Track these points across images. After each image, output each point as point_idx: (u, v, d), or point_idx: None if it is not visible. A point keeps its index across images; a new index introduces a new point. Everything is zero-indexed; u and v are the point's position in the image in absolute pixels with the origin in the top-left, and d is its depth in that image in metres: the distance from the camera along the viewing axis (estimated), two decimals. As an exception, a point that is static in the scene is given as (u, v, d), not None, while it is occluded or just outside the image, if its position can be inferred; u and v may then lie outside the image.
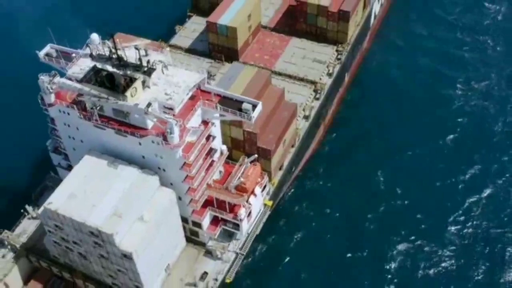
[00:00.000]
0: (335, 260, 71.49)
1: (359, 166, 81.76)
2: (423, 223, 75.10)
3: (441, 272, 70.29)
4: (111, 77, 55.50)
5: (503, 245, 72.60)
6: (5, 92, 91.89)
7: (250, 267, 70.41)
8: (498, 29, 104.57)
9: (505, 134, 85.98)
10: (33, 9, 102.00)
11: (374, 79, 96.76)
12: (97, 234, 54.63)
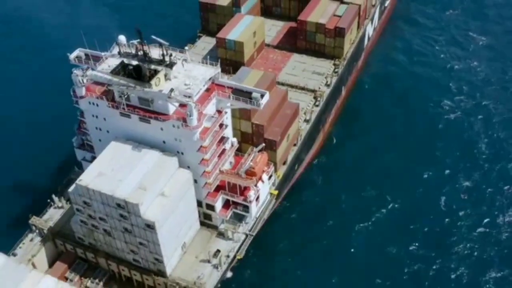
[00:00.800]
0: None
1: (355, 175, 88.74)
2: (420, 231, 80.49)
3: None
4: (138, 68, 63.98)
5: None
6: (35, 93, 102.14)
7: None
8: (485, 56, 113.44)
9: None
10: (67, 16, 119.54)
11: (369, 95, 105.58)
12: (123, 205, 61.64)
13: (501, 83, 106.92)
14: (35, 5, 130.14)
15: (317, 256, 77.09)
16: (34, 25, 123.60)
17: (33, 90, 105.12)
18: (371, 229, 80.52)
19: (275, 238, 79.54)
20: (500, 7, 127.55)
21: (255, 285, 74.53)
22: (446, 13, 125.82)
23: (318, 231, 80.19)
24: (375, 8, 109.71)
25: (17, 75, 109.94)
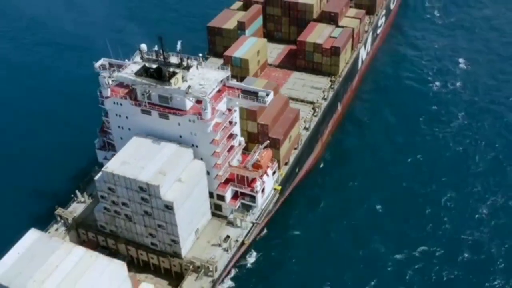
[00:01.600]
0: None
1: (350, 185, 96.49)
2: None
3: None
4: (159, 70, 73.56)
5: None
6: (61, 99, 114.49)
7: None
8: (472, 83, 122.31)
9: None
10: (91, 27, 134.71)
11: (363, 111, 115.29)
12: (145, 188, 69.85)
13: (486, 103, 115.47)
14: (63, 16, 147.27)
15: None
16: (61, 33, 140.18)
17: (61, 96, 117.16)
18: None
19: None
20: (490, 32, 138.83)
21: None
22: (435, 42, 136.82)
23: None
24: (368, 34, 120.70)
25: (49, 83, 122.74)
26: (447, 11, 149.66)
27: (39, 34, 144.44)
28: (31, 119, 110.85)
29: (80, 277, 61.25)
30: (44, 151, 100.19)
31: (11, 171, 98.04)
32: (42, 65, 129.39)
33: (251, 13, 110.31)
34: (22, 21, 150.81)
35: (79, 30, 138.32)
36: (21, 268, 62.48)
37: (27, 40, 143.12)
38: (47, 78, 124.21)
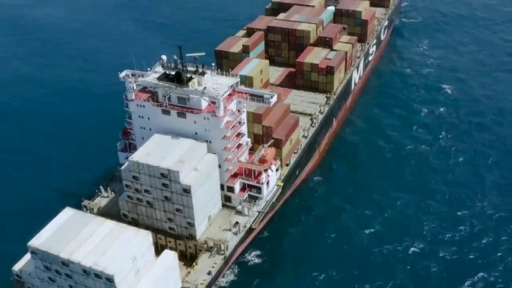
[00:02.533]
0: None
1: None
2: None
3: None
4: (178, 74, 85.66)
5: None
6: (87, 107, 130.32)
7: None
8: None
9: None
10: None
11: (357, 129, 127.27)
12: (166, 174, 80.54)
13: (468, 125, 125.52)
14: (86, 31, 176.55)
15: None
16: (89, 44, 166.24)
17: (87, 105, 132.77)
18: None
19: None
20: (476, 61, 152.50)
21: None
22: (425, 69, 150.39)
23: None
24: (360, 60, 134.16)
25: (83, 91, 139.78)
26: (436, 43, 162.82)
27: (66, 49, 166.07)
28: (62, 125, 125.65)
29: (110, 244, 71.06)
30: (75, 154, 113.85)
31: (44, 170, 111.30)
32: (71, 78, 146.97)
33: (254, 39, 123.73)
34: (50, 37, 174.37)
35: (103, 45, 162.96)
36: (59, 237, 72.26)
37: (56, 54, 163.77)
38: (75, 88, 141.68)
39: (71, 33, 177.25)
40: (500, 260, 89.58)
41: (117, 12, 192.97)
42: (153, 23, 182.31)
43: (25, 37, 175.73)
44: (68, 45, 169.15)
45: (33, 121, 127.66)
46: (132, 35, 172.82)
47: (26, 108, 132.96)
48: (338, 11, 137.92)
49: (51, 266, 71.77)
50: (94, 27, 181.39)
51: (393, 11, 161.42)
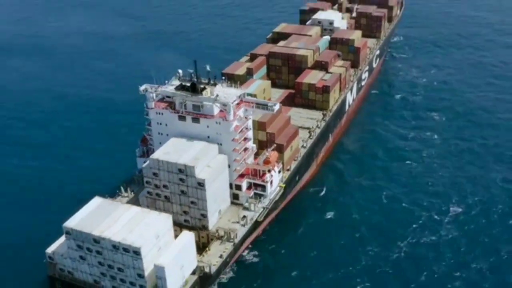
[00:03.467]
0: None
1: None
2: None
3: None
4: (193, 84, 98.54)
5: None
6: (110, 115, 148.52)
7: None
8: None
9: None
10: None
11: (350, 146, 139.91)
12: (183, 170, 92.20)
13: (457, 148, 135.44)
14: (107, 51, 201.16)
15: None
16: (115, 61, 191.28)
17: (109, 112, 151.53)
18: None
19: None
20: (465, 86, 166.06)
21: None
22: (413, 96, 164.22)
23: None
24: (353, 83, 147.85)
25: (107, 106, 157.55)
26: (427, 74, 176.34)
27: (89, 68, 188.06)
28: (91, 133, 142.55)
29: (136, 224, 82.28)
30: (101, 159, 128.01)
31: (74, 171, 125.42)
32: (98, 95, 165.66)
33: (257, 63, 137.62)
34: (75, 57, 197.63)
35: (122, 64, 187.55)
36: (91, 219, 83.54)
37: (82, 71, 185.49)
38: (100, 103, 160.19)
39: (93, 53, 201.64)
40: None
41: (134, 36, 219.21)
42: (168, 46, 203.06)
43: (53, 59, 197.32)
44: (90, 65, 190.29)
45: (64, 128, 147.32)
46: (148, 55, 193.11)
47: (59, 117, 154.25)
48: (333, 39, 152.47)
49: (83, 245, 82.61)
50: (114, 48, 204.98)
51: (384, 42, 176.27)
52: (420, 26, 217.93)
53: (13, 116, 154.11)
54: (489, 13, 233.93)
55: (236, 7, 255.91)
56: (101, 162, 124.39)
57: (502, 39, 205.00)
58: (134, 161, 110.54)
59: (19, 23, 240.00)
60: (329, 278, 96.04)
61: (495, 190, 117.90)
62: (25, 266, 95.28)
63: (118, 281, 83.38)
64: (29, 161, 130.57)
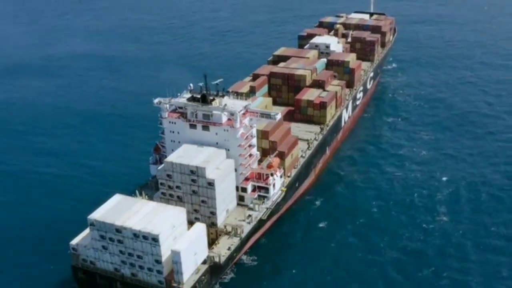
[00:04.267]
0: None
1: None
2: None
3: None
4: (204, 96, 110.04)
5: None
6: (126, 125, 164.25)
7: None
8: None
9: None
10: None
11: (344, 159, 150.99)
12: (195, 171, 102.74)
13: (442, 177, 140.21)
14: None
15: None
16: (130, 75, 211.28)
17: (122, 126, 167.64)
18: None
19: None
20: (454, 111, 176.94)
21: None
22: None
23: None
24: (349, 101, 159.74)
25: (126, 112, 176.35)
26: (419, 95, 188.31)
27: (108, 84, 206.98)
28: (102, 145, 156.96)
29: (154, 216, 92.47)
30: (116, 168, 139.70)
31: (91, 178, 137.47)
32: (107, 109, 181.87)
33: (259, 82, 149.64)
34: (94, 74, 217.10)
35: (132, 81, 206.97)
36: (113, 212, 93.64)
37: (93, 89, 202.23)
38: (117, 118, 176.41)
39: (102, 72, 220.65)
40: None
41: (139, 58, 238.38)
42: (172, 67, 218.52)
43: (64, 78, 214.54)
44: (100, 83, 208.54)
45: (80, 140, 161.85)
46: (154, 75, 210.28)
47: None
48: (329, 61, 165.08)
49: (106, 235, 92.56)
50: (122, 68, 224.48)
51: (378, 65, 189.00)
52: (412, 50, 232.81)
53: (31, 129, 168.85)
54: (476, 37, 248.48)
55: (236, 34, 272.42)
56: (117, 170, 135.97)
57: (491, 60, 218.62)
58: (147, 168, 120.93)
59: (31, 46, 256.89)
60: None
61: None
62: (51, 257, 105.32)
63: (137, 268, 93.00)
64: (52, 168, 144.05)
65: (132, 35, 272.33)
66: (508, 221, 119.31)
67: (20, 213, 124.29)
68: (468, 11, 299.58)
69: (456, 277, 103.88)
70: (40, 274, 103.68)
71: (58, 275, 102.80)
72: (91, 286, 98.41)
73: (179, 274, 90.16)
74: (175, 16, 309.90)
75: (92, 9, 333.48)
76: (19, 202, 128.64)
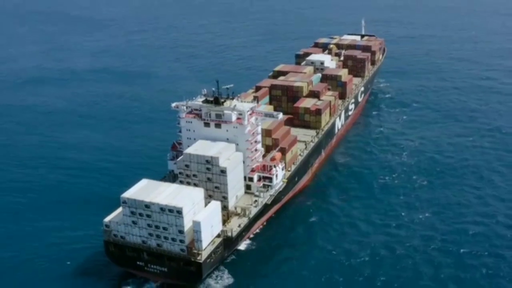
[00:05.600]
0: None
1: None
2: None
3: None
4: (216, 98, 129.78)
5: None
6: (146, 127, 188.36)
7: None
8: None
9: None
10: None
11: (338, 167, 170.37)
12: (210, 160, 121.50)
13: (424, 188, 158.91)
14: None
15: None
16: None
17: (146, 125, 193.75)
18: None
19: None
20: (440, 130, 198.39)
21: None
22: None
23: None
24: (341, 111, 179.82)
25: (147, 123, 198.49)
26: (405, 110, 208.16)
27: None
28: (125, 144, 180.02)
29: (177, 194, 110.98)
30: (138, 164, 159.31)
31: (117, 173, 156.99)
32: (127, 113, 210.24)
33: (261, 92, 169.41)
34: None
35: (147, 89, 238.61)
36: (142, 191, 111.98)
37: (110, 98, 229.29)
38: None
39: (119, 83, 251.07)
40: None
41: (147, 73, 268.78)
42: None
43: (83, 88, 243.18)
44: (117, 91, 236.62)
45: (103, 140, 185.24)
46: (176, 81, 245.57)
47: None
48: (324, 75, 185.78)
49: (136, 210, 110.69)
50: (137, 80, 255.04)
51: (368, 80, 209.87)
52: (400, 67, 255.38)
53: (58, 130, 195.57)
54: (459, 62, 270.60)
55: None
56: (139, 165, 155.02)
57: (473, 82, 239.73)
58: (166, 163, 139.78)
59: (49, 58, 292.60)
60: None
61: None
62: (86, 233, 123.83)
63: (162, 239, 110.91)
64: (85, 164, 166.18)
65: (147, 52, 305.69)
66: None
67: (60, 195, 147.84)
68: (457, 35, 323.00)
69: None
70: (76, 249, 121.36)
71: (91, 250, 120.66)
72: (121, 258, 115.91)
73: (199, 242, 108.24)
74: (180, 39, 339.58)
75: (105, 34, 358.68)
76: (61, 186, 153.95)
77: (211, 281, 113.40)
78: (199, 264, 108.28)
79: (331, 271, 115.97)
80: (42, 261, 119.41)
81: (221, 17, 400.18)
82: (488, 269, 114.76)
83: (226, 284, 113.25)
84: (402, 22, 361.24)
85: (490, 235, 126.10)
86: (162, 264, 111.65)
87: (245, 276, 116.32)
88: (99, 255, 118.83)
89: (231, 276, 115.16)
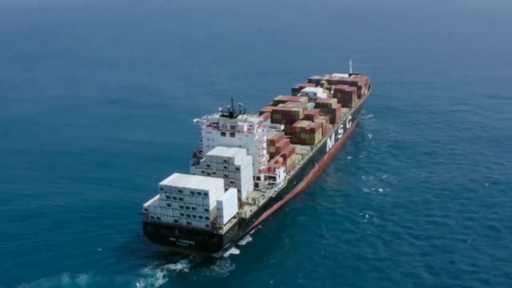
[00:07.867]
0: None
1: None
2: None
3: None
4: (231, 112, 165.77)
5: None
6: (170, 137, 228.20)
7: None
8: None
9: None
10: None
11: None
12: (227, 160, 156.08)
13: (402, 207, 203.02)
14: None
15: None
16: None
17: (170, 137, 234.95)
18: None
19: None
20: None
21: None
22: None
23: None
24: (332, 133, 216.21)
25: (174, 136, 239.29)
26: (388, 136, 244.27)
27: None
28: (153, 155, 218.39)
29: (203, 182, 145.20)
30: (165, 169, 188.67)
31: (150, 175, 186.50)
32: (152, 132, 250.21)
33: (264, 116, 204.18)
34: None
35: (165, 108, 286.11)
36: (175, 180, 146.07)
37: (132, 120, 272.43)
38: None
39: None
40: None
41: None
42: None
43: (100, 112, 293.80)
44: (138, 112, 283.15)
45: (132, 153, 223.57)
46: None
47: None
48: (316, 104, 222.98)
49: (171, 195, 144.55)
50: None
51: (355, 110, 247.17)
52: (383, 102, 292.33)
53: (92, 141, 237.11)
54: (442, 92, 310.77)
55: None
56: (166, 169, 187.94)
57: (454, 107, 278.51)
58: (188, 169, 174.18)
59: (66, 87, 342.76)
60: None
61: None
62: (129, 216, 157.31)
63: (191, 217, 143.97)
64: (125, 168, 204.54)
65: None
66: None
67: (106, 185, 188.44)
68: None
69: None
70: (119, 229, 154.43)
71: (132, 229, 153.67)
72: (157, 236, 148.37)
73: (221, 218, 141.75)
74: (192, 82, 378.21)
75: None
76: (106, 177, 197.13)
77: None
78: (220, 236, 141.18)
79: (312, 261, 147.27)
80: (97, 239, 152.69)
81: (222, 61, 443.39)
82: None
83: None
84: (387, 61, 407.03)
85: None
86: (191, 238, 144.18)
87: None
88: (138, 237, 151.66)
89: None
